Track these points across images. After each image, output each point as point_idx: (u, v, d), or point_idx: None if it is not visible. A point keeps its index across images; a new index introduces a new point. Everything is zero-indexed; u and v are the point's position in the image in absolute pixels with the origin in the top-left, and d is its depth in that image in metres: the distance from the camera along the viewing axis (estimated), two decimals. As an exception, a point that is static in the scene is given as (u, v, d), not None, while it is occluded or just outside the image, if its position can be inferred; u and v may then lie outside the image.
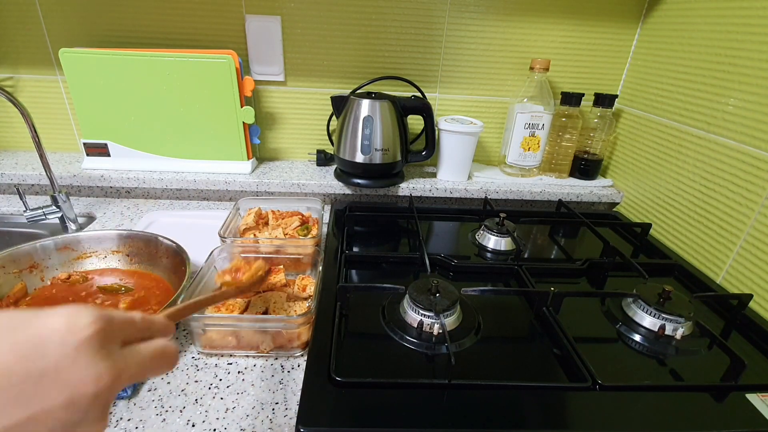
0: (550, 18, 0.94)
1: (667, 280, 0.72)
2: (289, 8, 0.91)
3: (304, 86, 0.99)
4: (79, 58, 0.85)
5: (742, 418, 0.45)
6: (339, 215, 0.85)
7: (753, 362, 0.53)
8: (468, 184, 0.96)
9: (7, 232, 0.87)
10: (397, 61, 0.97)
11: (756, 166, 0.65)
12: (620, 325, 0.59)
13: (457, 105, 1.03)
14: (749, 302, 0.62)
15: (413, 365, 0.50)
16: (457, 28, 0.95)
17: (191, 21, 0.91)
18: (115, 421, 0.43)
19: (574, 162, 1.01)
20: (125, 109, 0.89)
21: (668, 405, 0.46)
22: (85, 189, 0.94)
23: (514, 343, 0.56)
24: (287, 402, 0.46)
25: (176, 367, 0.50)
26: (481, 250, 0.77)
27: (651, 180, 0.88)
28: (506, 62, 0.99)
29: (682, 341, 0.56)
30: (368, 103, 0.85)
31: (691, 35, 0.79)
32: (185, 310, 0.39)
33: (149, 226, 0.80)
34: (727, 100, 0.71)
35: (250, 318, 0.53)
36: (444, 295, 0.56)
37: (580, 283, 0.70)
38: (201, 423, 0.43)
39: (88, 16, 0.90)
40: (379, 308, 0.58)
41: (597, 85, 1.01)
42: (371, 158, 0.87)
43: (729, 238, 0.69)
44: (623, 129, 0.99)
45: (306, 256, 0.67)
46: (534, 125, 0.94)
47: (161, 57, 0.84)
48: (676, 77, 0.83)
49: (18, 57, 0.94)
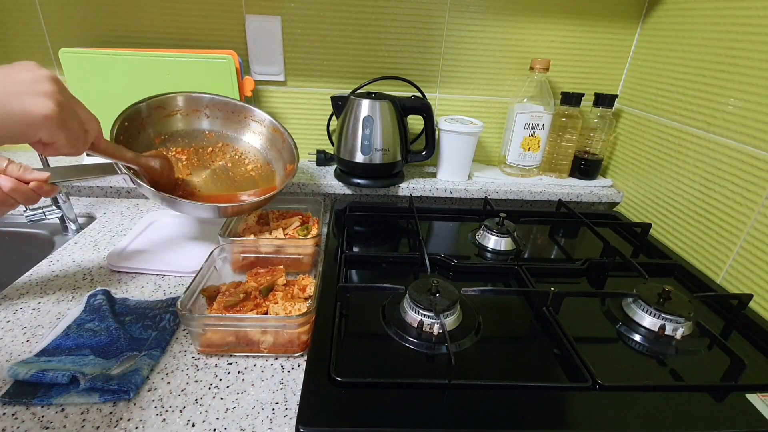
0: (550, 18, 0.94)
1: (667, 280, 0.72)
2: (289, 8, 0.91)
3: (304, 86, 0.99)
4: (79, 58, 0.84)
5: (742, 418, 0.45)
6: (339, 215, 0.85)
7: (753, 362, 0.53)
8: (468, 184, 0.96)
9: (7, 232, 0.87)
10: (397, 61, 0.97)
11: (756, 166, 0.65)
12: (620, 325, 0.59)
13: (457, 105, 1.03)
14: (749, 302, 0.62)
15: (413, 365, 0.50)
16: (457, 28, 0.95)
17: (191, 21, 0.91)
18: (115, 421, 0.43)
19: (574, 162, 1.01)
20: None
21: (668, 405, 0.46)
22: (85, 189, 0.94)
23: (514, 343, 0.56)
24: (287, 402, 0.46)
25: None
26: (481, 250, 0.77)
27: (651, 180, 0.88)
28: (506, 62, 0.99)
29: (682, 341, 0.56)
30: (368, 103, 0.85)
31: (691, 35, 0.79)
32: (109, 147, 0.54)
33: (149, 226, 0.80)
34: (727, 100, 0.71)
35: (250, 318, 0.53)
36: (444, 295, 0.56)
37: (580, 283, 0.70)
38: (201, 423, 0.43)
39: (88, 16, 0.90)
40: (379, 308, 0.58)
41: (597, 85, 1.01)
42: (371, 158, 0.87)
43: (729, 238, 0.69)
44: (623, 129, 0.99)
45: (306, 256, 0.67)
46: (534, 125, 0.94)
47: (161, 57, 0.84)
48: (676, 77, 0.83)
49: (18, 57, 0.94)
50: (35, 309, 0.58)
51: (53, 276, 0.66)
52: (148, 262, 0.69)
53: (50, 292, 0.62)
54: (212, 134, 0.80)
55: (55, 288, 0.63)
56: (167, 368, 0.50)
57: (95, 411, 0.44)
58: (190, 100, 0.78)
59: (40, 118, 0.41)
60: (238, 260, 0.67)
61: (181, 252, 0.73)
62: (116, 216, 0.86)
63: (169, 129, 0.77)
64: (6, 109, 0.40)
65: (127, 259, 0.70)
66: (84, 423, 0.42)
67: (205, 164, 0.77)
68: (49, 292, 0.62)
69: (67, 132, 0.44)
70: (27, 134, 0.42)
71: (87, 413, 0.43)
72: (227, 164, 0.78)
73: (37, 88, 0.41)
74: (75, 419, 0.43)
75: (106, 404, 0.45)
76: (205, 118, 0.80)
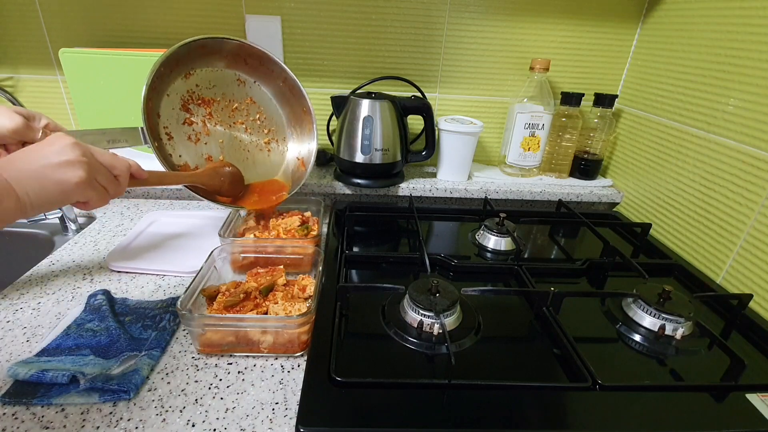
0: (550, 18, 0.94)
1: (667, 280, 0.72)
2: (289, 8, 0.91)
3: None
4: (79, 58, 0.84)
5: (742, 418, 0.45)
6: (339, 215, 0.85)
7: (753, 362, 0.53)
8: (468, 184, 0.96)
9: (7, 232, 0.87)
10: (397, 61, 0.97)
11: (756, 166, 0.65)
12: (620, 325, 0.59)
13: (457, 105, 1.03)
14: (749, 302, 0.62)
15: (413, 365, 0.50)
16: (457, 28, 0.95)
17: (191, 21, 0.91)
18: (115, 421, 0.43)
19: (574, 162, 1.01)
20: (125, 109, 0.89)
21: (668, 405, 0.46)
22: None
23: (514, 343, 0.56)
24: (287, 402, 0.46)
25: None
26: (481, 250, 0.77)
27: (651, 180, 0.88)
28: (506, 62, 0.99)
29: (682, 341, 0.56)
30: (368, 103, 0.85)
31: (691, 35, 0.79)
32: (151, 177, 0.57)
33: (149, 226, 0.80)
34: (727, 100, 0.71)
35: (250, 318, 0.53)
36: (444, 295, 0.56)
37: (580, 283, 0.70)
38: (201, 423, 0.43)
39: (88, 16, 0.90)
40: (379, 308, 0.58)
41: (597, 85, 1.01)
42: (371, 158, 0.87)
43: (729, 238, 0.69)
44: (623, 129, 0.99)
45: (306, 256, 0.67)
46: (534, 125, 0.94)
47: (161, 57, 0.84)
48: (676, 77, 0.83)
49: (18, 57, 0.94)
50: (35, 309, 0.58)
51: (53, 276, 0.66)
52: (148, 262, 0.69)
53: (50, 292, 0.62)
54: (243, 84, 0.79)
55: (55, 288, 0.63)
56: (167, 368, 0.50)
57: (95, 411, 0.44)
58: (236, 46, 0.74)
59: (72, 186, 0.46)
60: (238, 260, 0.67)
61: (181, 252, 0.73)
62: (116, 216, 0.86)
63: (204, 67, 0.74)
64: (42, 184, 0.45)
65: (127, 259, 0.70)
66: (84, 423, 0.42)
67: (226, 123, 0.77)
68: (49, 292, 0.62)
69: (97, 190, 0.50)
70: (63, 201, 0.47)
71: (87, 413, 0.43)
72: (247, 130, 0.78)
73: (63, 158, 0.46)
74: (75, 419, 0.43)
75: (106, 404, 0.45)
76: (243, 64, 0.77)
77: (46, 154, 0.45)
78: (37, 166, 0.45)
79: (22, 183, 0.43)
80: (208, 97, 0.75)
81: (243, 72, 0.78)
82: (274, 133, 0.82)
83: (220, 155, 0.76)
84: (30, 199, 0.44)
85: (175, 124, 0.72)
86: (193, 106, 0.73)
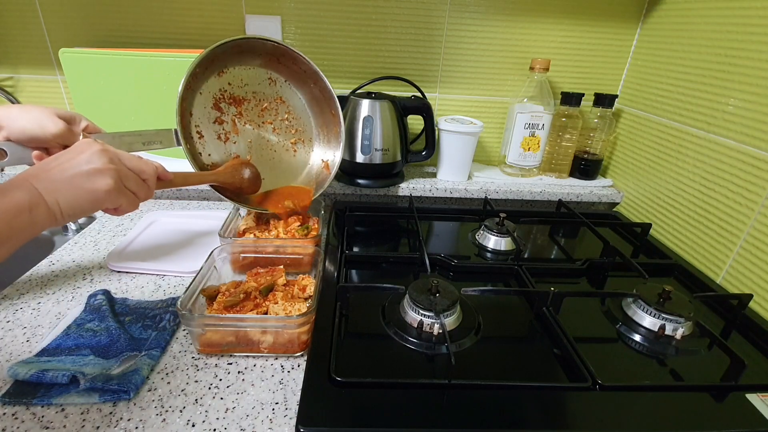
0: (550, 18, 0.94)
1: (667, 280, 0.72)
2: (289, 8, 0.91)
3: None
4: (79, 58, 0.85)
5: (742, 418, 0.45)
6: (339, 215, 0.85)
7: (753, 362, 0.53)
8: (468, 184, 0.96)
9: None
10: (397, 61, 0.97)
11: (756, 166, 0.65)
12: (620, 325, 0.59)
13: (457, 105, 1.03)
14: (749, 302, 0.62)
15: (413, 365, 0.50)
16: (457, 28, 0.95)
17: (191, 21, 0.91)
18: (115, 422, 0.43)
19: (574, 162, 1.01)
20: (125, 109, 0.89)
21: (668, 405, 0.46)
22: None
23: (514, 343, 0.56)
24: (287, 402, 0.46)
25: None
26: (481, 250, 0.77)
27: (651, 180, 0.88)
28: (506, 62, 0.99)
29: (682, 341, 0.56)
30: (368, 103, 0.85)
31: (691, 35, 0.79)
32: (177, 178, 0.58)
33: (149, 227, 0.80)
34: (727, 100, 0.71)
35: (250, 318, 0.53)
36: (444, 295, 0.56)
37: (580, 283, 0.70)
38: (201, 423, 0.43)
39: (88, 17, 0.90)
40: (379, 308, 0.58)
41: (597, 85, 1.01)
42: (371, 158, 0.87)
43: (729, 238, 0.69)
44: (623, 129, 0.99)
45: (306, 256, 0.67)
46: (534, 125, 0.94)
47: (161, 57, 0.84)
48: (676, 77, 0.83)
49: (18, 57, 0.94)
50: (35, 309, 0.58)
51: (53, 276, 0.66)
52: (148, 262, 0.69)
53: (50, 292, 0.62)
54: (274, 82, 0.79)
55: (55, 288, 0.63)
56: (167, 368, 0.50)
57: (95, 411, 0.44)
58: (272, 47, 0.73)
59: (103, 194, 0.47)
60: (238, 260, 0.67)
61: (181, 252, 0.73)
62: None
63: (238, 65, 0.74)
64: (73, 193, 0.45)
65: (127, 259, 0.70)
66: (84, 423, 0.42)
67: (255, 122, 0.77)
68: (49, 292, 0.62)
69: (127, 196, 0.50)
70: (94, 209, 0.48)
71: (87, 413, 0.43)
72: (275, 130, 0.79)
73: (91, 166, 0.46)
74: (75, 419, 0.43)
75: (106, 404, 0.44)
76: (276, 63, 0.77)
77: (75, 164, 0.45)
78: (67, 176, 0.45)
79: (52, 193, 0.44)
80: (239, 96, 0.75)
81: (275, 71, 0.78)
82: (300, 134, 0.82)
83: (248, 155, 0.76)
84: (61, 208, 0.44)
85: (207, 122, 0.72)
86: (225, 104, 0.74)
